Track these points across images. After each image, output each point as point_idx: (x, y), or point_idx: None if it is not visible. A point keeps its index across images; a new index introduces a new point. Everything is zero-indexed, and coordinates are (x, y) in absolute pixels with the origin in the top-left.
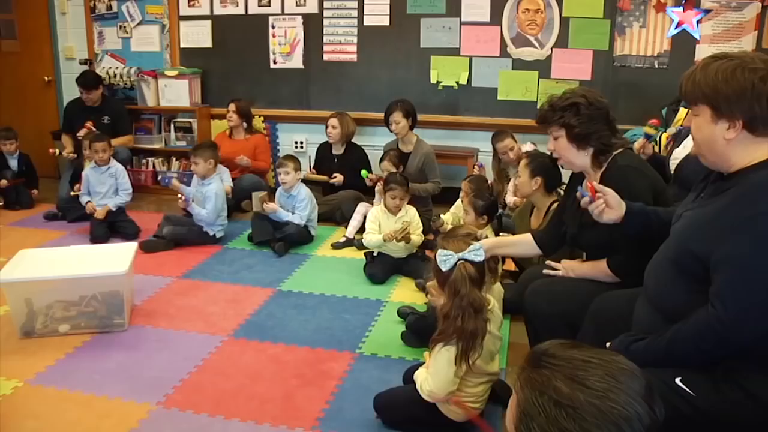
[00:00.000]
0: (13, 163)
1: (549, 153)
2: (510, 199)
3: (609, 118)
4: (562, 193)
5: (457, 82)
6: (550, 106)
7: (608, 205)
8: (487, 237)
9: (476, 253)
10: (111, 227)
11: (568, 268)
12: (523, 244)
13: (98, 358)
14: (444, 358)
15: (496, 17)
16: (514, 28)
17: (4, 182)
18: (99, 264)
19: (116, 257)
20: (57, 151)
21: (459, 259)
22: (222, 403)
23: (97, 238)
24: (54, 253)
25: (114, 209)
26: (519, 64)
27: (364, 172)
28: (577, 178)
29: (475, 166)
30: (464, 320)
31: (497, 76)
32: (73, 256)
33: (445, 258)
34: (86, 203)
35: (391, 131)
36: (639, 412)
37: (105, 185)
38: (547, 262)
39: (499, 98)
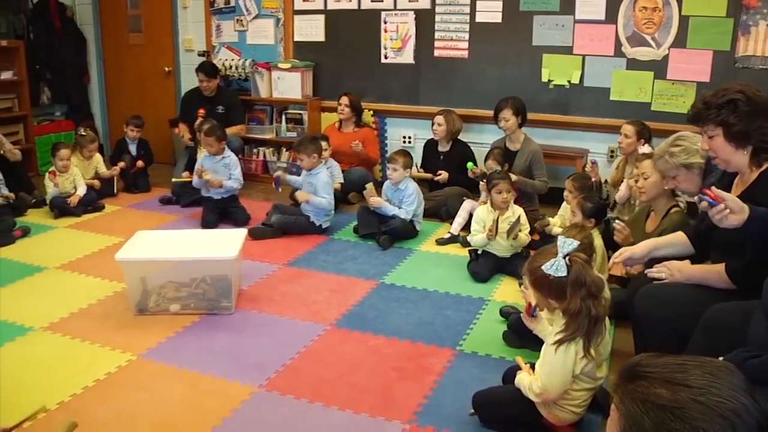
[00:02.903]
0: (133, 148)
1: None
2: (621, 194)
3: None
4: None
5: (568, 81)
6: (704, 103)
7: (731, 210)
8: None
9: (569, 243)
10: (223, 213)
11: (674, 268)
12: (679, 244)
13: (205, 338)
14: (563, 356)
15: (611, 15)
16: (630, 26)
17: (122, 164)
18: (210, 248)
19: (226, 243)
20: (181, 133)
21: (565, 256)
22: (321, 390)
23: (208, 223)
24: (168, 236)
25: (223, 187)
26: (633, 64)
27: (470, 164)
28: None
29: (589, 163)
30: (596, 307)
31: (610, 75)
32: (186, 240)
33: (554, 267)
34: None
35: (500, 128)
36: (745, 403)
37: (219, 174)
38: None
39: (611, 98)
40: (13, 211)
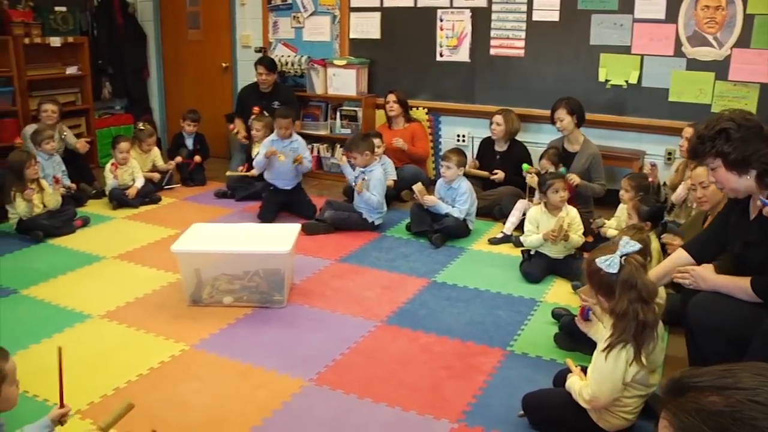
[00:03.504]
0: (189, 142)
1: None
2: (678, 195)
3: (765, 135)
4: None
5: (626, 81)
6: (698, 138)
7: None
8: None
9: (631, 244)
10: (285, 206)
11: (698, 276)
12: (682, 262)
13: (257, 331)
14: (613, 364)
15: (672, 14)
16: (691, 25)
17: (179, 159)
18: (263, 242)
19: (280, 237)
20: (236, 129)
21: (621, 256)
22: (371, 386)
23: (265, 217)
24: (223, 229)
25: (302, 163)
26: (694, 65)
27: (525, 166)
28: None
29: (648, 165)
30: (645, 312)
31: (669, 76)
32: (240, 233)
33: (608, 262)
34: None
35: (557, 129)
36: None
37: (286, 164)
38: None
39: (670, 99)
40: (74, 201)
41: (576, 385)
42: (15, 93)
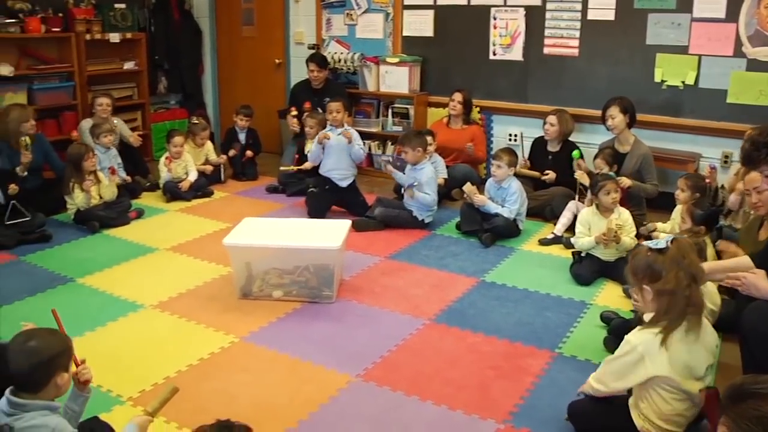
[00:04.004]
0: (242, 136)
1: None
2: (733, 199)
3: None
4: None
5: (682, 82)
6: (752, 144)
7: None
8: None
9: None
10: (340, 204)
11: (750, 284)
12: (741, 267)
13: (306, 325)
14: (630, 341)
15: (732, 13)
16: (752, 24)
17: (231, 153)
18: (314, 238)
19: (330, 233)
20: (294, 112)
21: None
22: (418, 384)
23: (315, 213)
24: (274, 223)
25: (351, 142)
26: (755, 65)
27: (575, 153)
28: None
29: (707, 167)
30: (693, 291)
31: (728, 77)
32: (291, 228)
33: (655, 242)
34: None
35: (607, 128)
36: None
37: (339, 146)
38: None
39: (728, 101)
40: (129, 193)
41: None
42: (75, 87)
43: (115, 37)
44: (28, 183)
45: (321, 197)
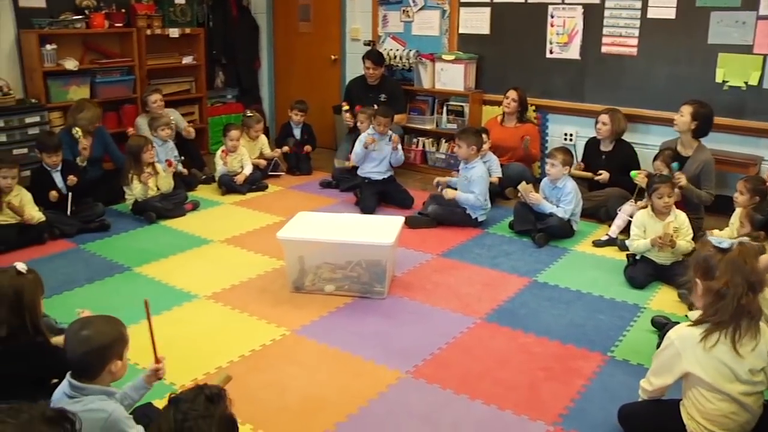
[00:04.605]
0: (297, 132)
1: None
2: None
3: None
4: None
5: (745, 83)
6: None
7: None
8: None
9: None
10: (382, 197)
11: None
12: None
13: (357, 320)
14: (671, 337)
15: None
16: None
17: (286, 149)
18: (367, 233)
19: (383, 229)
20: (346, 107)
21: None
22: (467, 382)
23: (367, 208)
24: (328, 218)
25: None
26: None
27: (633, 173)
28: None
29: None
30: (748, 300)
31: None
32: (344, 223)
33: (720, 239)
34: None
35: (673, 125)
36: None
37: (383, 151)
38: None
39: None
40: (185, 185)
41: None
42: (136, 81)
43: (174, 32)
44: (89, 174)
45: (367, 191)
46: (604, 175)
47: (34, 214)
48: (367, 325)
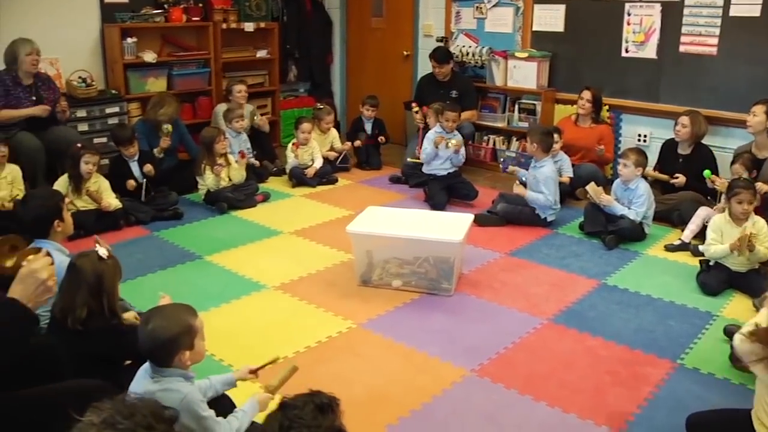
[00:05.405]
0: (368, 126)
1: None
2: None
3: None
4: None
5: None
6: None
7: None
8: None
9: None
10: (449, 191)
11: None
12: None
13: (423, 316)
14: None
15: None
16: None
17: (357, 143)
18: (436, 229)
19: (452, 226)
20: (416, 108)
21: None
22: (532, 383)
23: (437, 205)
24: (397, 213)
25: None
26: None
27: (707, 172)
28: None
29: None
30: None
31: None
32: (413, 219)
33: None
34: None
35: (746, 127)
36: None
37: (449, 148)
38: None
39: None
40: (256, 177)
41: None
42: (211, 74)
43: (249, 27)
44: (165, 163)
45: (435, 187)
46: (680, 179)
47: (112, 201)
48: (433, 321)
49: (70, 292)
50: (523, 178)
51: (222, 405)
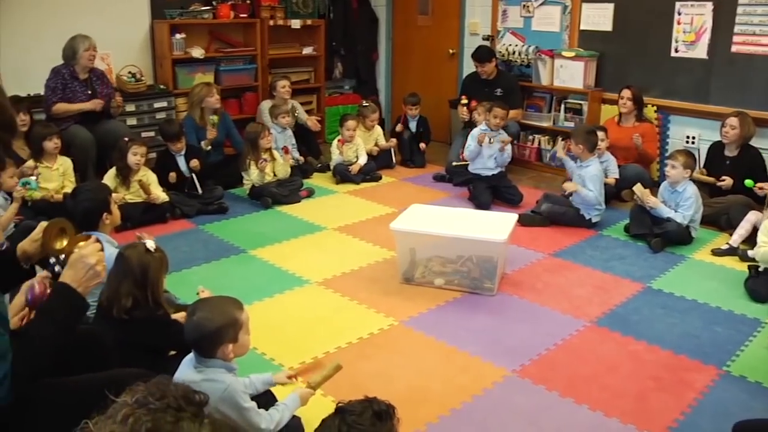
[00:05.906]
0: (412, 124)
1: None
2: None
3: None
4: None
5: None
6: None
7: None
8: None
9: None
10: (494, 192)
11: None
12: None
13: (465, 316)
14: None
15: None
16: None
17: (393, 142)
18: (479, 229)
19: (496, 225)
20: (464, 101)
21: None
22: (573, 386)
23: (482, 204)
24: (441, 212)
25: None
26: None
27: (749, 182)
28: None
29: None
30: None
31: None
32: (457, 217)
33: None
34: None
35: None
36: None
37: (493, 146)
38: None
39: None
40: (301, 173)
41: None
42: (257, 70)
43: (296, 24)
44: (211, 157)
45: (479, 186)
46: (727, 181)
47: (159, 194)
48: (475, 320)
49: (116, 281)
50: (570, 171)
51: (264, 398)
